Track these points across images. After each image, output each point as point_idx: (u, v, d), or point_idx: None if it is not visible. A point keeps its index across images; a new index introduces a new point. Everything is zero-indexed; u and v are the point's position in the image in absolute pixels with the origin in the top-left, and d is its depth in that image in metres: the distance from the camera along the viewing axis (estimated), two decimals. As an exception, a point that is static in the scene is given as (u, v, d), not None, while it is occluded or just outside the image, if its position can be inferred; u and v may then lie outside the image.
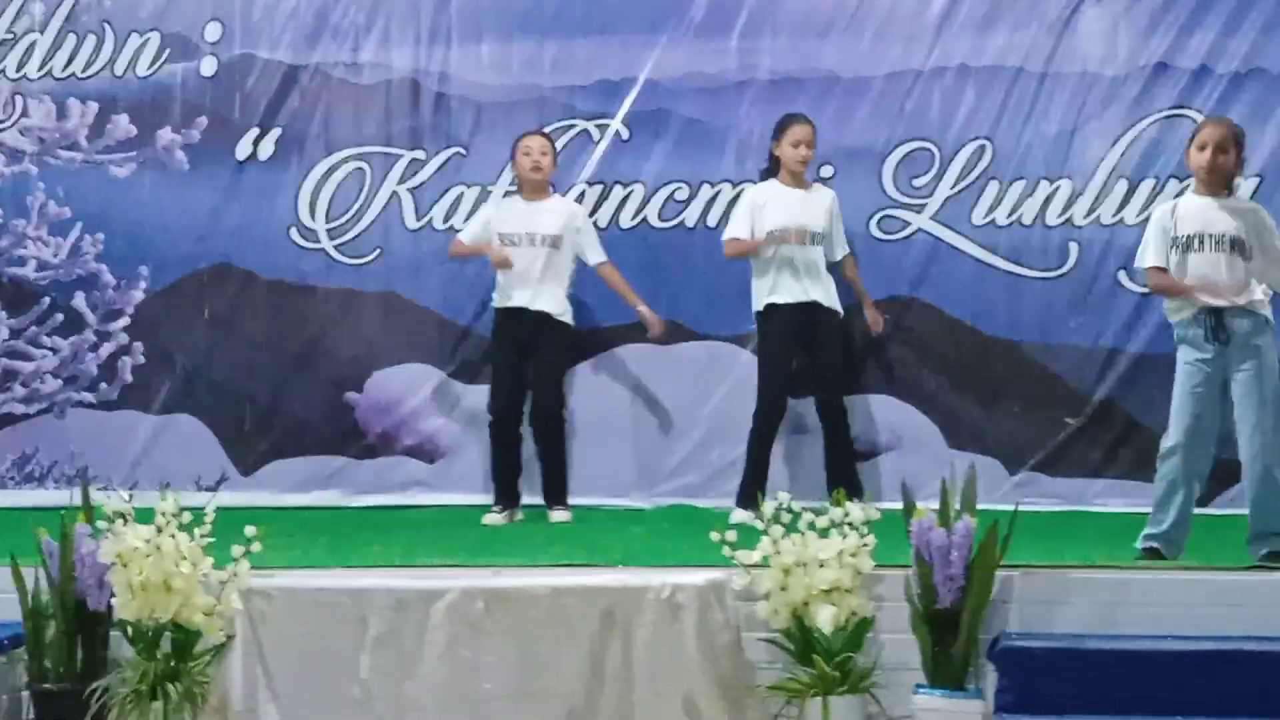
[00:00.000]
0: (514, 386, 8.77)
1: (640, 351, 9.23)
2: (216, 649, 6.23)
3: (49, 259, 9.60)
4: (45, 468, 9.52)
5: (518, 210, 8.81)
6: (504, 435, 8.79)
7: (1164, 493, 6.80)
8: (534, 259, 8.66)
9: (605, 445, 9.21)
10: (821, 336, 8.57)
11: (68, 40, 9.65)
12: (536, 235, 8.69)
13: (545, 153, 8.80)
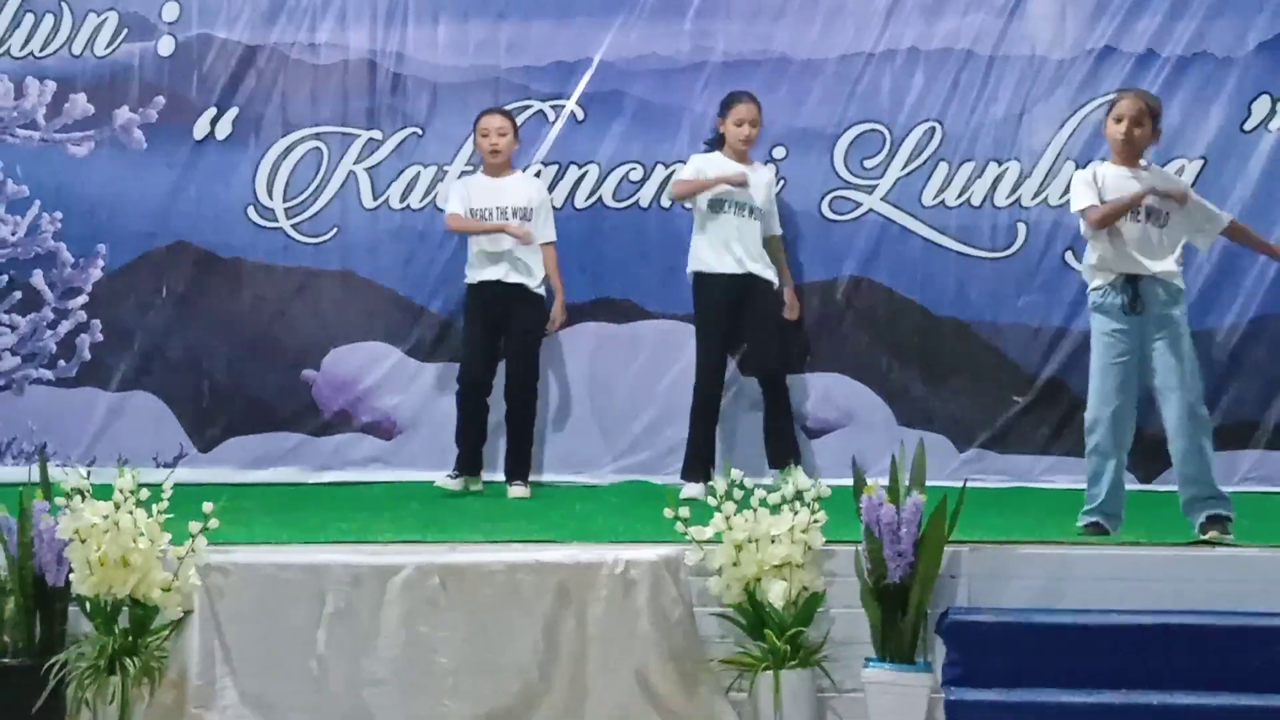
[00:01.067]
0: (486, 358, 8.77)
1: (596, 330, 9.25)
2: (174, 624, 6.24)
3: (7, 237, 9.54)
4: (3, 444, 9.46)
5: (483, 186, 8.81)
6: (471, 404, 8.78)
7: (1095, 467, 6.87)
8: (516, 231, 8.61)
9: (560, 422, 9.22)
10: (758, 307, 8.56)
11: (25, 19, 9.58)
12: (508, 209, 8.69)
13: (504, 133, 8.78)
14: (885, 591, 6.07)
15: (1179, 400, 6.72)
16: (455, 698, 6.12)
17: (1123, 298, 6.76)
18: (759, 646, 6.06)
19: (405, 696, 6.13)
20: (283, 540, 6.73)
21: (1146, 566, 6.39)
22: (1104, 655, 6.00)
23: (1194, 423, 6.72)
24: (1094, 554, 6.51)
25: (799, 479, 6.24)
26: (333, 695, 6.16)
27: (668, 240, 9.02)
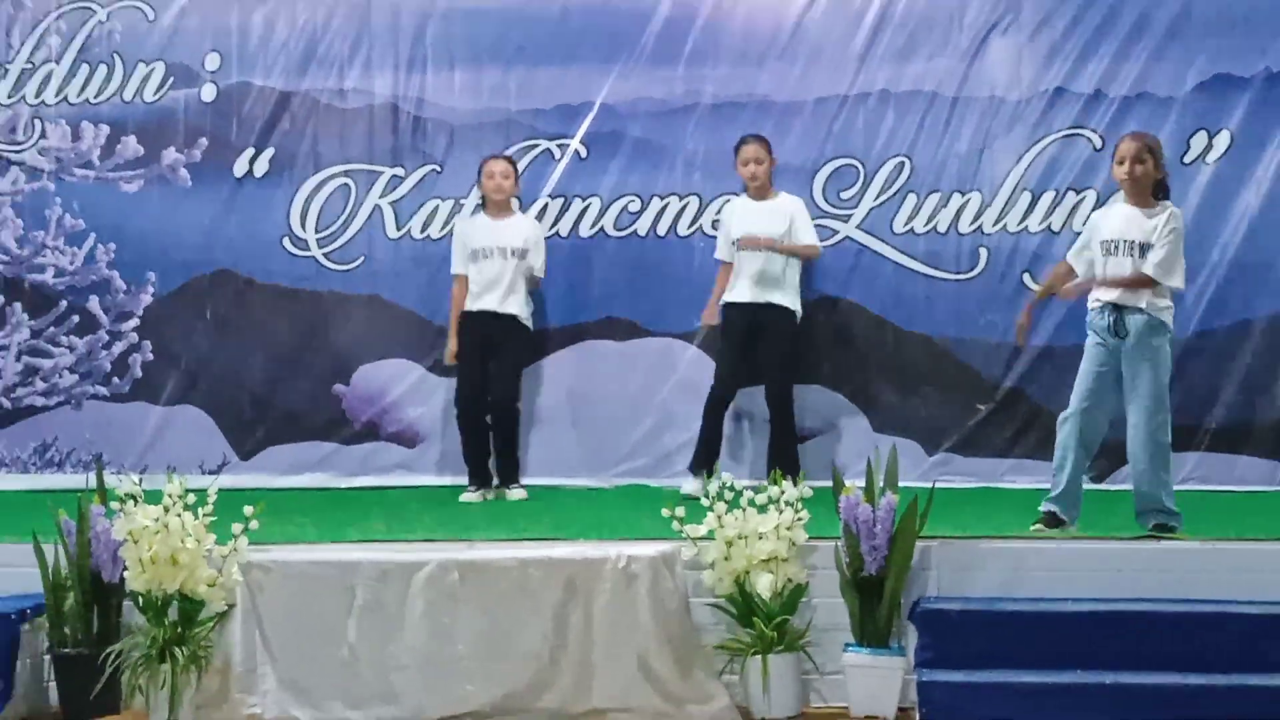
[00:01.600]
0: (478, 380, 8.74)
1: (601, 346, 9.23)
2: (219, 616, 6.25)
3: (66, 266, 9.55)
4: (64, 454, 9.47)
5: (485, 227, 8.79)
6: (469, 423, 8.77)
7: (1059, 457, 6.87)
8: (504, 269, 8.65)
9: (568, 430, 9.19)
10: (771, 332, 8.53)
11: (81, 69, 9.58)
12: (507, 249, 8.68)
13: (507, 176, 8.79)
14: (862, 583, 6.09)
15: (1143, 426, 6.72)
16: (473, 681, 6.13)
17: (1108, 321, 6.76)
18: (748, 633, 6.07)
19: (428, 680, 6.14)
20: (316, 540, 6.73)
21: (1099, 559, 6.40)
22: (1061, 639, 6.00)
23: (1153, 448, 6.72)
24: (1051, 547, 6.51)
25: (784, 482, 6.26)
26: (363, 680, 6.17)
27: (664, 266, 9.02)
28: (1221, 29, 8.80)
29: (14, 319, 9.57)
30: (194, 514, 6.22)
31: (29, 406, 9.57)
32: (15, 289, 9.60)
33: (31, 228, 9.58)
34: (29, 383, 9.57)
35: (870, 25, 9.06)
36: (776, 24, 9.16)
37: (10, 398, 9.57)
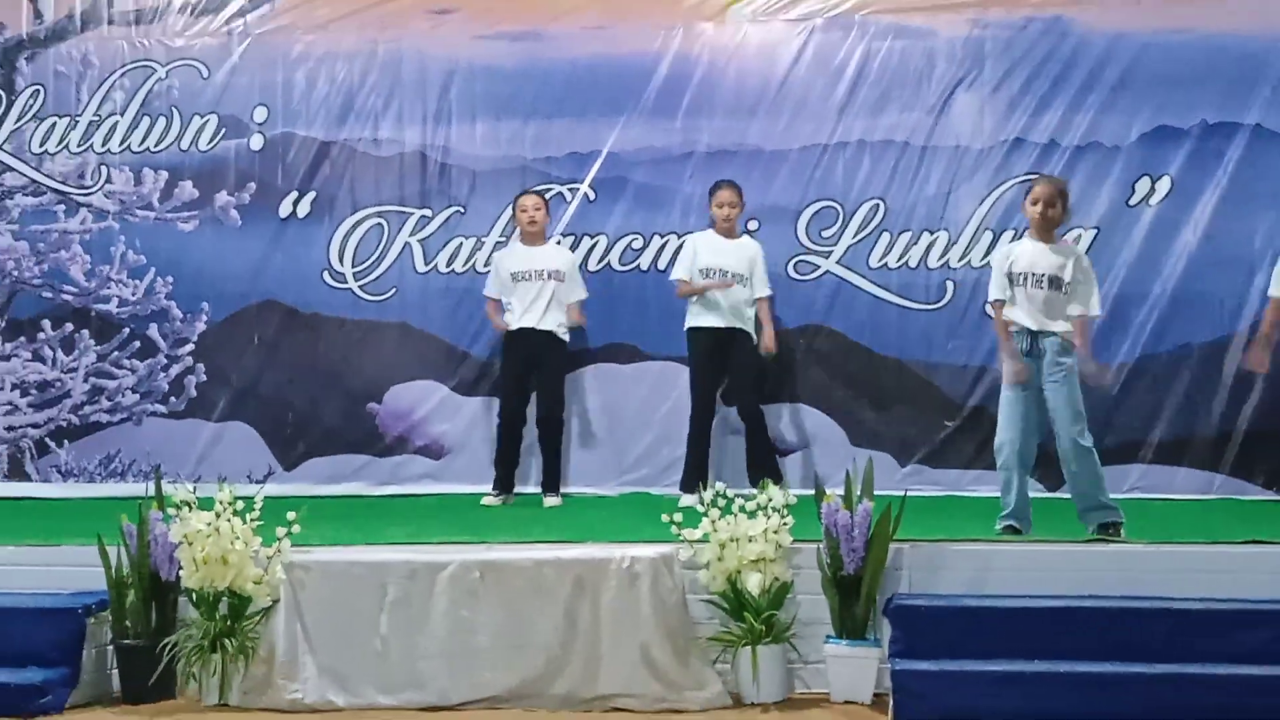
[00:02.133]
0: (521, 393, 8.74)
1: (607, 369, 9.22)
2: (264, 611, 6.24)
3: (128, 297, 9.57)
4: (126, 465, 9.48)
5: (521, 253, 8.79)
6: (510, 433, 8.76)
7: (1005, 480, 6.88)
8: (541, 289, 8.66)
9: (578, 444, 9.18)
10: (738, 355, 8.54)
11: (143, 121, 9.62)
12: (544, 270, 8.68)
13: (538, 208, 8.80)
14: (842, 581, 6.08)
15: (1065, 435, 6.75)
16: (492, 669, 6.11)
17: (1025, 344, 6.78)
18: (739, 626, 6.05)
19: (451, 669, 6.12)
20: (352, 542, 6.70)
21: (1054, 559, 6.38)
22: (1020, 632, 5.97)
23: (1078, 451, 6.74)
24: (1011, 550, 6.50)
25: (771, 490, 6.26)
26: (393, 667, 6.15)
27: (662, 297, 8.98)
28: (1162, 86, 8.80)
29: (82, 344, 9.59)
30: (242, 519, 6.23)
31: (95, 422, 9.59)
32: (83, 318, 9.62)
33: (98, 263, 9.61)
34: (95, 401, 9.59)
35: (848, 81, 9.08)
36: (764, 81, 9.18)
37: (79, 415, 9.58)
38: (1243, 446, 8.64)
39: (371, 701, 6.12)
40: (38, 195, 9.70)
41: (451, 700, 6.08)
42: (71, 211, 9.67)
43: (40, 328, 9.65)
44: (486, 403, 9.16)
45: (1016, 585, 6.22)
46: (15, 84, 9.75)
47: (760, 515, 6.13)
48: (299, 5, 9.56)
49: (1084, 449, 6.74)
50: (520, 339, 8.68)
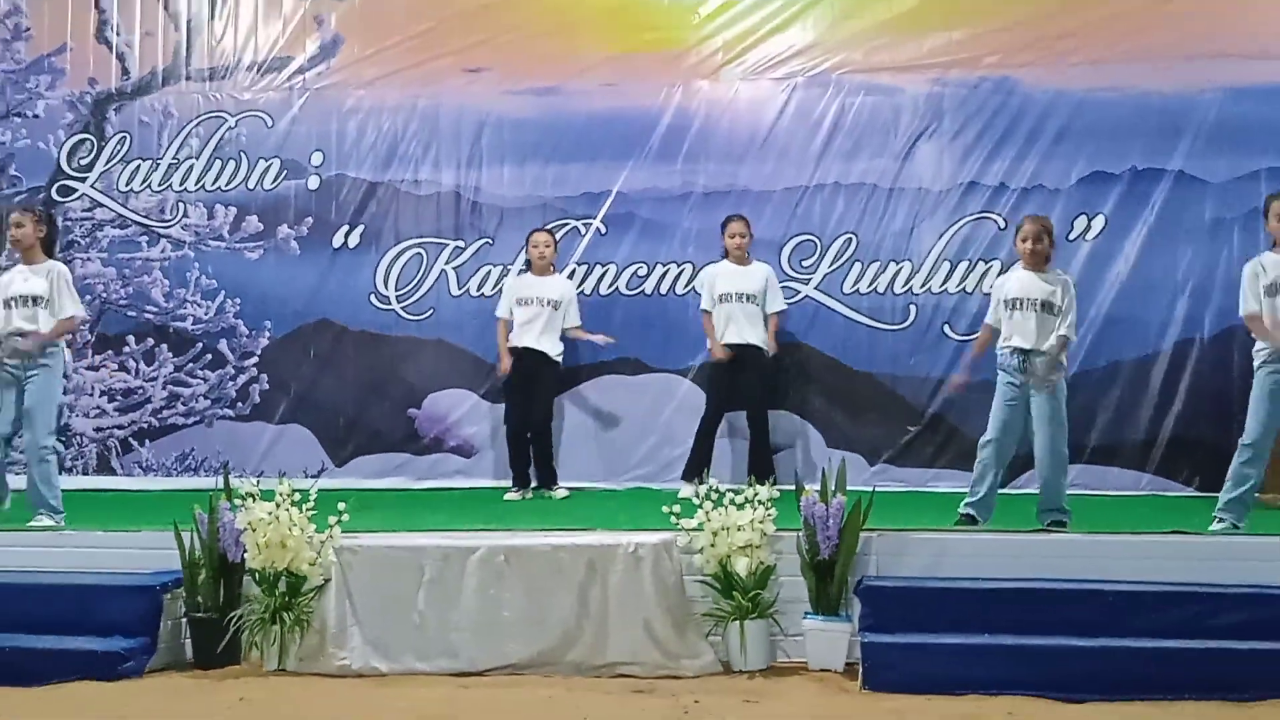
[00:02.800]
0: (523, 404, 8.71)
1: (615, 380, 9.20)
2: (317, 588, 6.26)
3: (201, 316, 9.58)
4: (198, 462, 9.48)
5: (530, 283, 8.78)
6: (516, 438, 8.74)
7: (980, 472, 6.86)
8: (539, 314, 8.64)
9: (591, 444, 9.16)
10: (749, 366, 8.52)
11: (215, 164, 9.64)
12: (545, 299, 8.67)
13: (548, 245, 8.81)
14: (818, 565, 6.07)
15: (1047, 444, 6.74)
16: (514, 640, 6.12)
17: (1017, 362, 6.77)
18: (729, 604, 6.05)
19: (479, 639, 6.13)
20: (393, 529, 6.70)
21: (1004, 547, 6.37)
22: (973, 610, 5.96)
23: (1054, 459, 6.75)
24: (966, 538, 6.50)
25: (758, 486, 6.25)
26: (429, 638, 6.15)
27: (664, 317, 9.02)
28: (1096, 137, 8.79)
29: (161, 357, 9.61)
30: (299, 509, 6.26)
31: (172, 425, 9.60)
32: (162, 334, 9.64)
33: (175, 286, 9.64)
34: (172, 406, 9.60)
35: (825, 132, 9.07)
36: (753, 131, 9.18)
37: (158, 418, 9.60)
38: (1167, 450, 8.63)
39: (410, 668, 6.11)
40: (124, 228, 9.71)
41: (479, 667, 6.07)
42: (153, 242, 9.68)
43: (125, 342, 9.66)
44: (510, 409, 9.18)
45: (971, 569, 6.21)
46: (105, 131, 9.77)
47: (748, 507, 6.13)
48: (350, 65, 9.58)
49: (1059, 457, 6.77)
50: (521, 357, 8.67)
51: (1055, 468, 6.75)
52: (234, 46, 9.72)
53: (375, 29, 9.57)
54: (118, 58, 9.81)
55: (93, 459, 9.62)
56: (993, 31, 8.95)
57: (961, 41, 8.97)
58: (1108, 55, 8.80)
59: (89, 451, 9.62)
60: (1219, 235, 8.63)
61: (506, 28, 9.42)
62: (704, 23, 9.26)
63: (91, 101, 9.80)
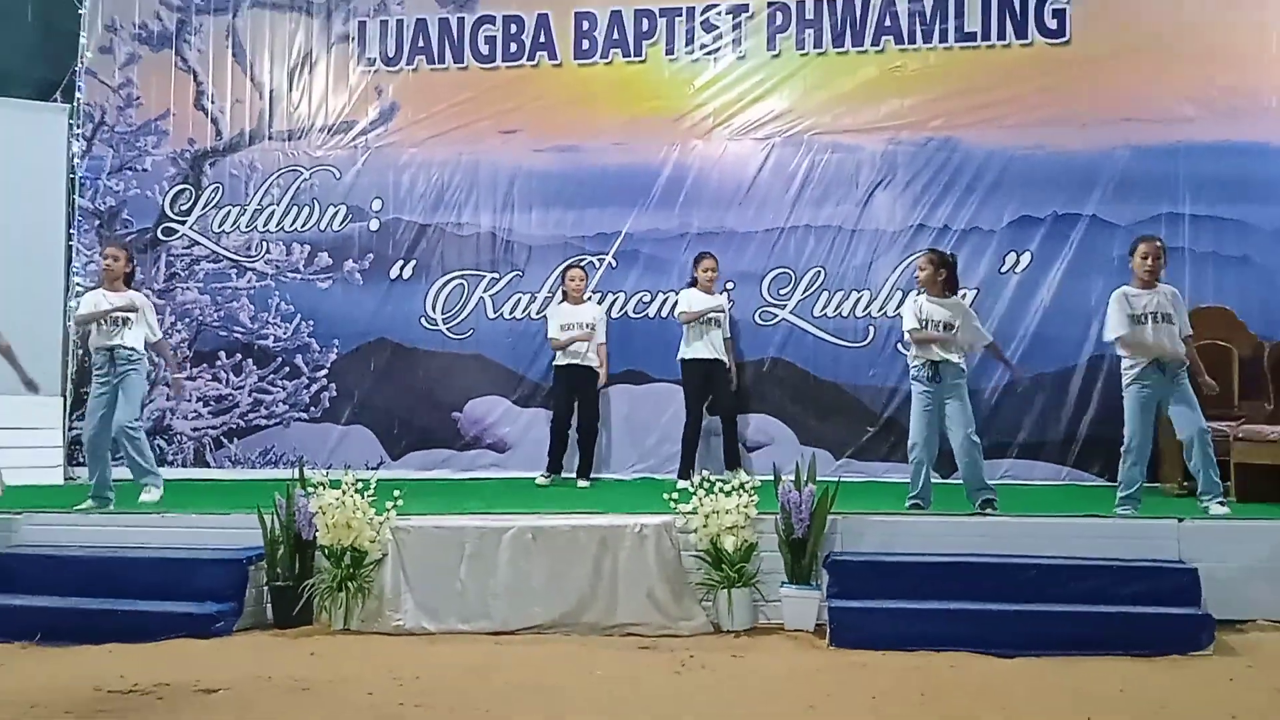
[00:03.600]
0: (568, 409, 8.72)
1: (625, 389, 9.19)
2: (376, 561, 6.27)
3: (281, 336, 9.60)
4: (278, 456, 9.47)
5: (569, 310, 8.79)
6: (559, 435, 8.74)
7: (914, 471, 6.86)
8: (580, 337, 8.68)
9: (603, 442, 9.11)
10: (718, 378, 8.55)
11: (292, 209, 9.67)
12: (582, 323, 8.70)
13: (582, 279, 8.87)
14: (793, 542, 6.07)
15: (960, 435, 6.73)
16: (540, 604, 6.12)
17: (928, 372, 6.77)
18: (719, 574, 6.05)
19: (511, 603, 6.14)
20: (440, 512, 6.68)
21: (946, 528, 6.39)
22: (923, 579, 5.97)
23: (969, 446, 6.72)
24: (915, 520, 6.51)
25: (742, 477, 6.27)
26: (469, 603, 6.16)
27: (665, 336, 8.98)
28: (1024, 187, 8.82)
29: (247, 369, 9.64)
30: (361, 495, 6.26)
31: (256, 425, 9.61)
32: (249, 350, 9.66)
33: (259, 310, 9.66)
34: (256, 410, 9.62)
35: (798, 183, 9.09)
36: (738, 182, 9.20)
37: (244, 420, 9.62)
38: (1082, 447, 8.63)
39: (453, 628, 6.12)
40: (217, 262, 9.74)
41: (511, 627, 6.08)
42: (241, 274, 9.71)
43: (218, 357, 9.67)
44: (536, 413, 9.17)
45: (920, 546, 6.23)
46: (202, 182, 9.81)
47: (734, 494, 6.13)
48: (405, 127, 9.60)
49: (974, 444, 6.73)
50: (567, 371, 8.70)
51: (971, 454, 6.73)
52: (308, 112, 9.76)
53: (425, 97, 9.60)
54: (212, 122, 9.85)
55: (190, 454, 9.63)
56: (938, 99, 8.96)
57: (912, 107, 8.99)
58: (1034, 119, 8.82)
59: (187, 448, 9.64)
60: (1125, 269, 8.54)
61: (534, 97, 9.45)
62: (698, 93, 9.28)
63: (190, 158, 9.84)
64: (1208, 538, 6.10)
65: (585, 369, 8.69)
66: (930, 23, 8.99)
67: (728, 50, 9.25)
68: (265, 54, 9.82)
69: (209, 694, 4.91)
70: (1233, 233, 8.39)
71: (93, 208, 9.84)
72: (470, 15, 9.55)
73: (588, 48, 9.41)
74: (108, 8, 9.96)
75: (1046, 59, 8.83)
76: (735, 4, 9.25)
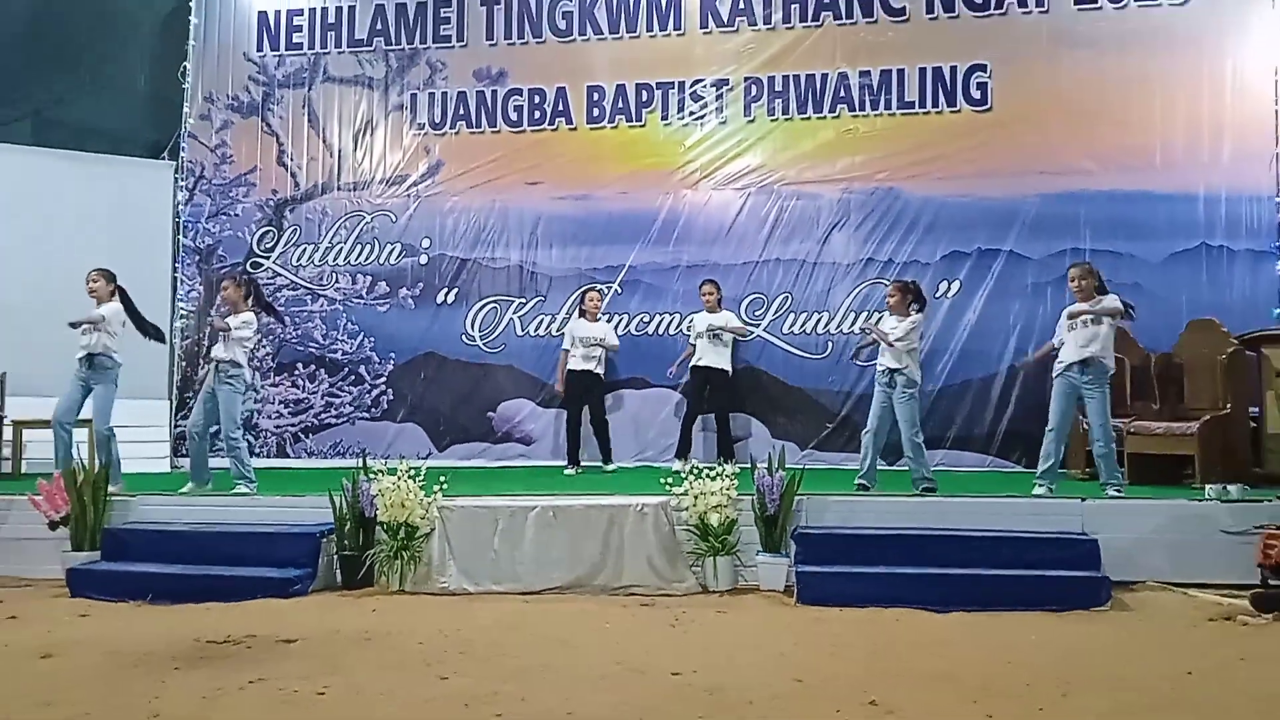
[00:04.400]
0: (578, 409, 8.66)
1: (629, 392, 9.14)
2: (426, 534, 6.26)
3: (347, 349, 9.58)
4: (345, 449, 9.43)
5: (586, 326, 8.72)
6: (572, 432, 8.67)
7: (864, 453, 6.90)
8: (593, 348, 8.65)
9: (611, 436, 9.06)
10: (716, 382, 8.52)
11: (357, 247, 9.66)
12: (596, 338, 8.66)
13: (599, 300, 8.86)
14: (767, 518, 6.09)
15: (906, 435, 6.77)
16: (559, 570, 6.13)
17: (884, 379, 6.81)
18: (706, 545, 6.06)
19: (537, 569, 6.14)
20: (477, 494, 6.67)
21: (894, 505, 6.40)
22: (874, 549, 5.98)
23: (912, 445, 6.78)
24: (868, 499, 6.51)
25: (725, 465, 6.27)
26: (502, 569, 6.16)
27: (663, 350, 8.97)
28: (954, 227, 8.81)
29: (320, 377, 9.62)
30: (413, 480, 6.25)
31: (327, 424, 9.59)
32: (321, 362, 9.63)
33: (329, 329, 9.63)
34: (327, 411, 9.60)
35: (769, 225, 9.07)
36: (720, 224, 9.18)
37: (317, 419, 9.60)
38: (1003, 439, 8.61)
39: (489, 589, 6.12)
40: (295, 290, 9.72)
41: (536, 588, 6.08)
42: (314, 300, 9.69)
43: (296, 368, 9.65)
44: (558, 413, 9.13)
45: (871, 521, 6.25)
46: (283, 225, 9.80)
47: (719, 479, 6.13)
48: (449, 180, 9.58)
49: (916, 444, 6.77)
50: (579, 376, 8.66)
51: (914, 449, 6.76)
52: (370, 168, 9.75)
53: (465, 155, 9.59)
54: (291, 175, 9.85)
55: (274, 447, 9.59)
56: (884, 156, 8.95)
57: (862, 163, 8.99)
58: (962, 172, 8.81)
59: (270, 442, 9.61)
60: (1037, 295, 8.65)
61: (554, 155, 9.45)
62: (688, 151, 9.27)
63: (273, 205, 9.84)
64: (1106, 513, 6.12)
65: (593, 375, 8.65)
66: (877, 94, 8.99)
67: (712, 116, 9.25)
68: (335, 120, 9.82)
69: (288, 643, 4.91)
70: (1125, 264, 8.37)
71: (193, 246, 9.85)
72: (502, 88, 9.56)
73: (597, 115, 9.41)
74: (206, 82, 9.97)
75: (972, 123, 8.84)
76: (718, 78, 9.26)
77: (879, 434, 6.86)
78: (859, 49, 9.05)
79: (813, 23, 9.14)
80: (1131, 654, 4.66)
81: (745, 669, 4.43)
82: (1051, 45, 8.79)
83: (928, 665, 4.46)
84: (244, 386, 7.27)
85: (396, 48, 9.77)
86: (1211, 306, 8.14)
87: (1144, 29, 8.67)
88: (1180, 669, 4.38)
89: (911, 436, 6.74)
